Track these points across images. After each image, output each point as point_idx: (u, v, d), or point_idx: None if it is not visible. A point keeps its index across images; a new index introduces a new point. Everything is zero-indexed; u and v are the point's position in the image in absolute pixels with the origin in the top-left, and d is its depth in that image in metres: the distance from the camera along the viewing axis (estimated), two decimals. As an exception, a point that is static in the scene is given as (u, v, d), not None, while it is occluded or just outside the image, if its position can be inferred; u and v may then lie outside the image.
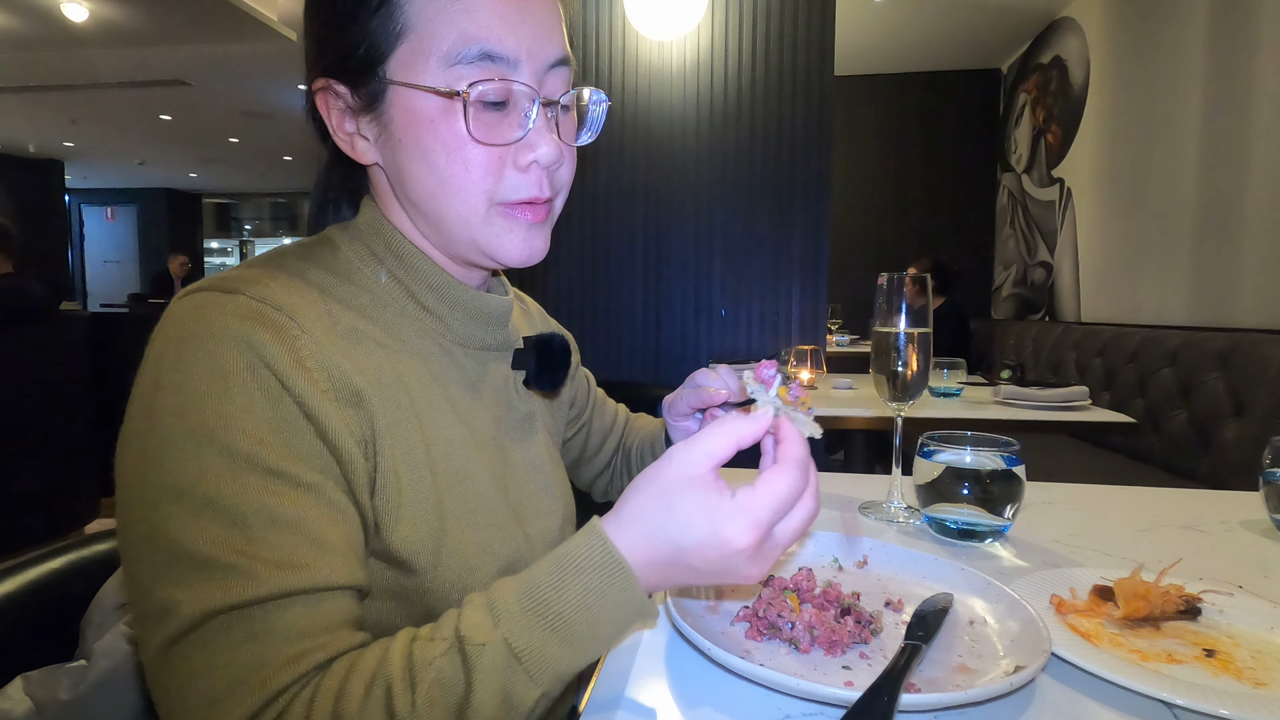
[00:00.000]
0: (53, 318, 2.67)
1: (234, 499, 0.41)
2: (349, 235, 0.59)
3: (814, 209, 2.56)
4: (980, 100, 5.08)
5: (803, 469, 0.43)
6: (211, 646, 0.39)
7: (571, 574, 0.41)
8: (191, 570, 0.39)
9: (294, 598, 0.40)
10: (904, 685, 0.40)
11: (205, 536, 0.40)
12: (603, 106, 0.61)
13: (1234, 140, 2.54)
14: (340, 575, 0.43)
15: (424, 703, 0.38)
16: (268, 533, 0.41)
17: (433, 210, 0.55)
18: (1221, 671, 0.47)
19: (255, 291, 0.47)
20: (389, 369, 0.53)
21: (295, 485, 0.43)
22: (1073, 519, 0.82)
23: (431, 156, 0.52)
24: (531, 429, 0.68)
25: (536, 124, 0.54)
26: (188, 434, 0.41)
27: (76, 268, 11.18)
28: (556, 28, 0.55)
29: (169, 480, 0.41)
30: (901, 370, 0.80)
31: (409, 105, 0.52)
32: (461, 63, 0.50)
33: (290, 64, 5.47)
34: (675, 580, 0.43)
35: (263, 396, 0.43)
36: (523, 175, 0.55)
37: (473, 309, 0.61)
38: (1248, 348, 2.10)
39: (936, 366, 1.87)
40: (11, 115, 7.30)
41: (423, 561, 0.51)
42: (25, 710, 0.54)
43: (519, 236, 0.56)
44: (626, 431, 0.96)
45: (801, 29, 2.52)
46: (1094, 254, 3.61)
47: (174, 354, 0.44)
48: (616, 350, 2.69)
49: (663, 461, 0.43)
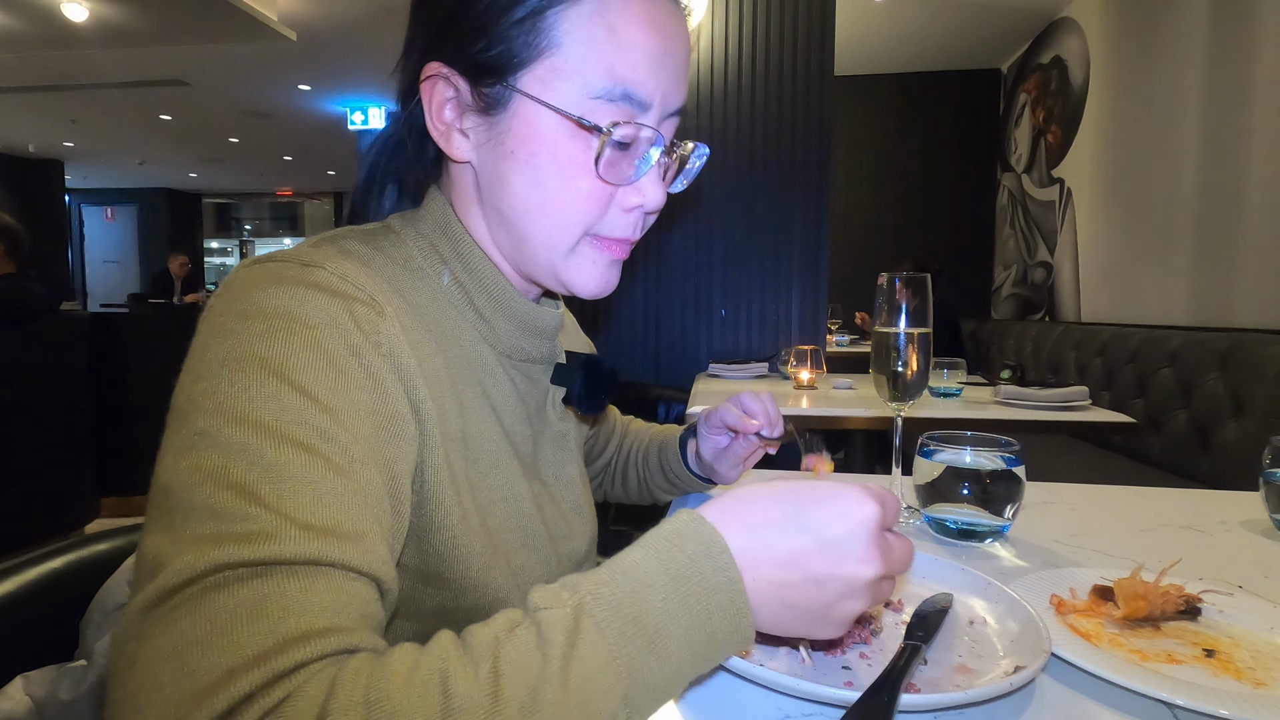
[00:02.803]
0: (53, 318, 2.67)
1: (274, 451, 0.36)
2: (414, 228, 0.57)
3: (814, 209, 2.56)
4: (980, 100, 5.08)
5: (911, 558, 0.43)
6: (208, 608, 0.31)
7: (679, 582, 0.35)
8: (206, 519, 0.34)
9: (318, 568, 0.34)
10: (904, 685, 0.40)
11: (234, 483, 0.34)
12: (702, 160, 0.61)
13: (1234, 140, 2.54)
14: (372, 563, 0.37)
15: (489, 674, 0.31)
16: (303, 496, 0.35)
17: (523, 227, 0.53)
18: (1221, 671, 0.46)
19: (334, 267, 0.44)
20: (445, 376, 0.51)
21: (341, 455, 0.38)
22: (1073, 519, 0.82)
23: (543, 176, 0.51)
24: (566, 446, 0.67)
25: (651, 171, 0.53)
26: (252, 362, 0.38)
27: (76, 268, 11.18)
28: (685, 74, 0.55)
29: (206, 421, 0.37)
30: (901, 370, 0.80)
31: (534, 121, 0.50)
32: (603, 98, 0.49)
33: (290, 64, 5.47)
34: (786, 597, 0.38)
35: (323, 356, 0.40)
36: (625, 215, 0.54)
37: (525, 320, 0.59)
38: (1248, 348, 2.10)
39: (936, 366, 1.86)
40: (11, 115, 7.29)
41: (472, 580, 0.49)
42: (25, 710, 0.54)
43: (600, 269, 0.55)
44: (625, 435, 0.96)
45: (801, 29, 2.52)
46: (1094, 254, 3.61)
47: (237, 303, 0.41)
48: (616, 350, 2.69)
49: (851, 508, 0.39)
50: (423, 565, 0.49)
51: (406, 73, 0.55)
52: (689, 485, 0.88)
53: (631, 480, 0.93)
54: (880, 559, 0.39)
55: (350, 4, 0.80)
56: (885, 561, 0.39)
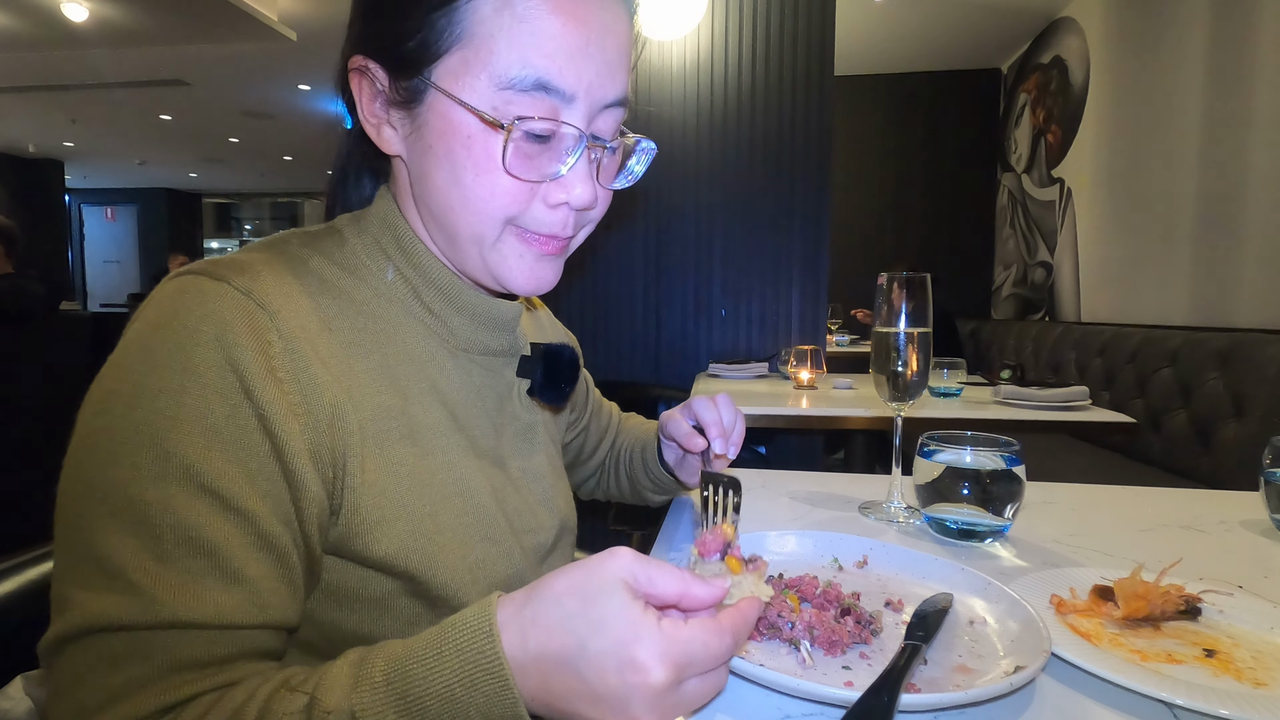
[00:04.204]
0: (53, 318, 2.67)
1: (157, 511, 0.39)
2: (358, 227, 0.57)
3: (814, 209, 2.56)
4: (980, 100, 5.08)
5: (737, 643, 0.38)
6: (95, 655, 0.37)
7: (449, 653, 0.36)
8: (96, 574, 0.38)
9: (189, 630, 0.38)
10: (904, 685, 0.40)
11: (118, 544, 0.38)
12: (648, 155, 0.58)
13: (1234, 140, 2.54)
14: (248, 613, 0.40)
15: None
16: (181, 554, 0.39)
17: (448, 224, 0.53)
18: (1221, 671, 0.46)
19: (242, 282, 0.44)
20: (383, 374, 0.51)
21: (225, 509, 0.40)
22: (1073, 519, 0.82)
23: (459, 172, 0.50)
24: (533, 439, 0.66)
25: (577, 166, 0.51)
26: (131, 429, 0.40)
27: (76, 268, 11.19)
28: (622, 67, 0.52)
29: (101, 474, 0.40)
30: (901, 370, 0.80)
31: (448, 115, 0.49)
32: (514, 88, 0.47)
33: (290, 64, 5.47)
34: (555, 691, 0.36)
35: (221, 403, 0.41)
36: (550, 212, 0.52)
37: (478, 313, 0.59)
38: (1248, 348, 2.10)
39: (936, 366, 1.86)
40: (11, 115, 7.30)
41: (413, 575, 0.50)
42: (25, 710, 0.54)
43: (527, 264, 0.54)
44: (619, 432, 0.95)
45: (801, 29, 2.52)
46: (1094, 254, 3.61)
47: (145, 341, 0.43)
48: (616, 350, 2.69)
49: (603, 557, 0.38)
50: (355, 565, 0.49)
51: (339, 65, 0.55)
52: (669, 487, 0.87)
53: (624, 480, 0.92)
54: (660, 681, 0.35)
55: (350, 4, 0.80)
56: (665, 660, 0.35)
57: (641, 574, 0.37)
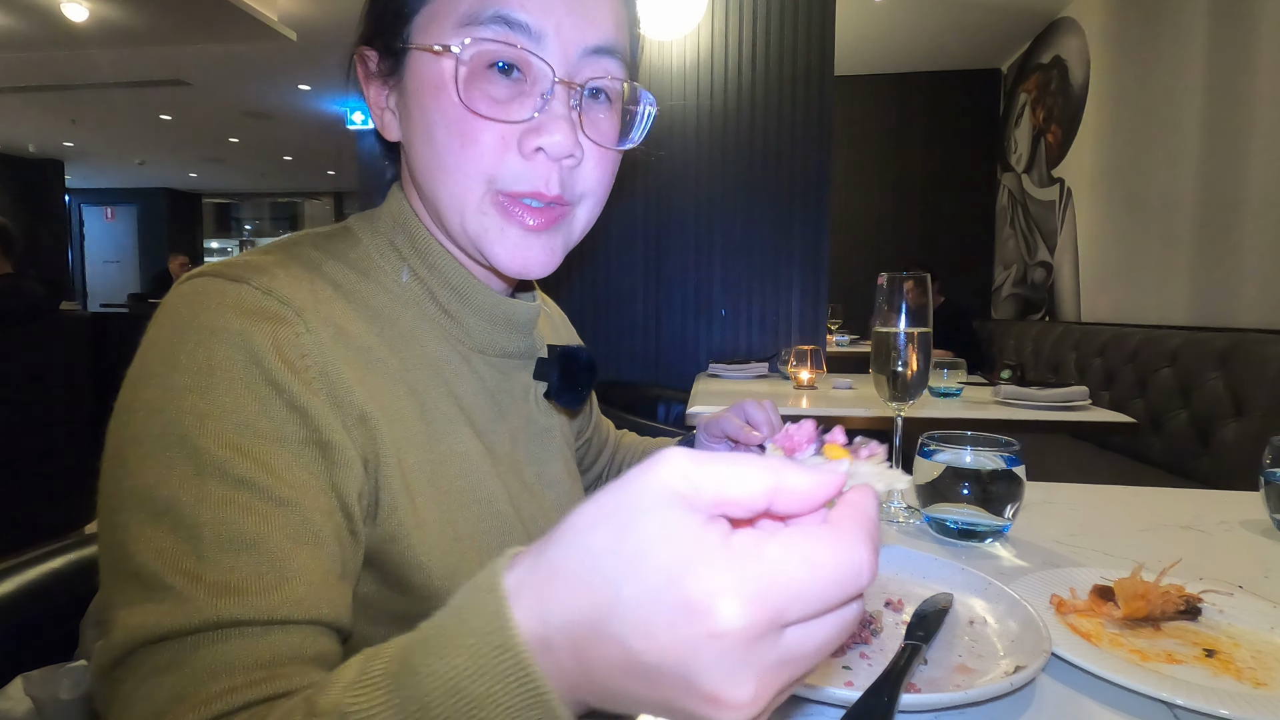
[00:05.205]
0: (53, 318, 2.67)
1: (192, 508, 0.37)
2: (371, 227, 0.56)
3: (814, 209, 2.56)
4: (980, 100, 5.08)
5: (870, 546, 0.24)
6: (143, 673, 0.35)
7: (452, 634, 0.26)
8: (135, 587, 0.36)
9: (231, 629, 0.36)
10: (904, 685, 0.40)
11: (154, 549, 0.36)
12: (650, 110, 0.55)
13: (1234, 140, 2.54)
14: (296, 608, 0.37)
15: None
16: (221, 551, 0.36)
17: (431, 192, 0.51)
18: (1221, 671, 0.47)
19: (262, 282, 0.43)
20: (400, 381, 0.50)
21: (264, 498, 0.38)
22: (1073, 519, 0.82)
23: (432, 129, 0.48)
24: (550, 443, 0.64)
25: (551, 108, 0.48)
26: (159, 431, 0.38)
27: (76, 268, 11.19)
28: (603, 13, 0.50)
29: (133, 481, 0.38)
30: (901, 370, 0.80)
31: (419, 70, 0.48)
32: (474, 23, 0.46)
33: (290, 64, 5.47)
34: (597, 671, 0.24)
35: (250, 396, 0.40)
36: (526, 164, 0.49)
37: (495, 314, 0.57)
38: (1248, 348, 2.10)
39: (936, 366, 1.86)
40: (11, 115, 7.29)
41: (434, 588, 0.48)
42: (25, 710, 0.54)
43: (511, 240, 0.50)
44: (618, 447, 0.93)
45: (801, 29, 2.52)
46: (1094, 254, 3.61)
47: (164, 343, 0.41)
48: (616, 350, 2.69)
49: (648, 464, 0.24)
50: (383, 574, 0.48)
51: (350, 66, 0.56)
52: None
53: None
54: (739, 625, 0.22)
55: (350, 4, 0.80)
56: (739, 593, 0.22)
57: (702, 477, 0.24)
